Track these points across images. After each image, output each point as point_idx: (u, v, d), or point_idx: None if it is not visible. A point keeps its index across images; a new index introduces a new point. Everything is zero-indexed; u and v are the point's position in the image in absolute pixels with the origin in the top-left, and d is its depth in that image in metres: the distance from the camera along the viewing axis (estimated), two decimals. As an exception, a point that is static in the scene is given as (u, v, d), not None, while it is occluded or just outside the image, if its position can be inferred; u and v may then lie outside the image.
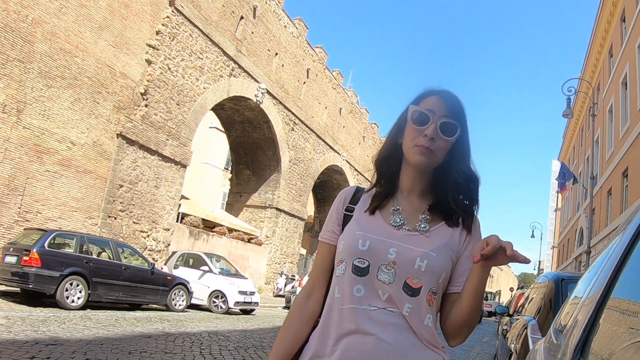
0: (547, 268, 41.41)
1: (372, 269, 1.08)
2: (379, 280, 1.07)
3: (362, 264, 1.09)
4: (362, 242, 1.10)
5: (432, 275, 1.07)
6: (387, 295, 1.06)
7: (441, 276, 1.08)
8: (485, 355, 10.07)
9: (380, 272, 1.08)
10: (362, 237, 1.11)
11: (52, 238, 8.40)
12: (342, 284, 1.11)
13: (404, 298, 1.06)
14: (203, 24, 15.06)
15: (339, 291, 1.11)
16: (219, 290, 11.80)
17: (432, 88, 1.17)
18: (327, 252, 1.22)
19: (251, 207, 21.01)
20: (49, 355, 4.61)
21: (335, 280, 1.13)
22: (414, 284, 1.07)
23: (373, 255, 1.09)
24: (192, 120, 15.23)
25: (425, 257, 1.07)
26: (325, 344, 1.09)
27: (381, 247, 1.09)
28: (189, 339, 6.85)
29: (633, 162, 13.45)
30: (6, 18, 9.79)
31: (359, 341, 1.05)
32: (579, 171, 24.30)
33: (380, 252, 1.09)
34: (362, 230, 1.13)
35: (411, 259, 1.07)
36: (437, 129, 1.10)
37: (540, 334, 3.35)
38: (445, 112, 1.11)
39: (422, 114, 1.12)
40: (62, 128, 11.13)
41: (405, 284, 1.06)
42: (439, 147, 1.11)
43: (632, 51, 14.23)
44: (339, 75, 25.62)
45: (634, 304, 0.95)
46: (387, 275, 1.07)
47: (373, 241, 1.10)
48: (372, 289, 1.08)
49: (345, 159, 26.58)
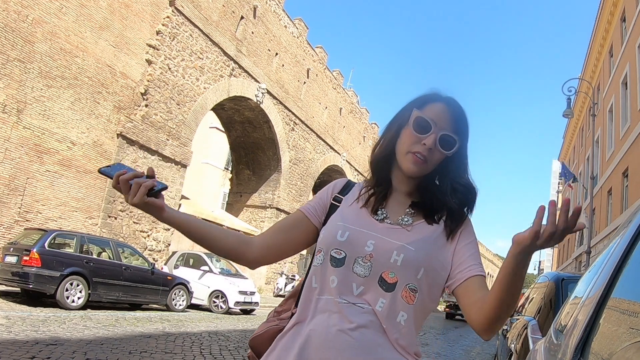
0: (547, 268, 41.39)
1: (349, 261, 1.05)
2: (354, 273, 1.04)
3: (338, 254, 1.06)
4: (342, 233, 1.08)
5: (408, 270, 1.03)
6: (360, 289, 1.03)
7: (419, 271, 1.03)
8: (486, 355, 10.07)
9: (356, 265, 1.05)
10: (343, 228, 1.09)
11: (52, 238, 8.40)
12: (319, 274, 1.08)
13: (378, 293, 1.03)
14: (203, 24, 15.06)
15: (316, 281, 1.09)
16: (219, 290, 11.80)
17: (439, 92, 1.13)
18: (295, 218, 1.20)
19: (251, 207, 21.01)
20: (49, 355, 4.61)
21: (313, 270, 1.11)
22: (390, 278, 1.03)
23: (350, 246, 1.06)
24: (192, 120, 15.23)
25: (402, 250, 1.03)
26: (300, 333, 1.06)
27: (360, 238, 1.06)
28: (189, 339, 6.85)
29: (633, 162, 13.45)
30: (6, 18, 9.79)
31: (323, 329, 1.02)
32: (579, 171, 24.29)
33: (358, 243, 1.06)
34: (344, 222, 1.10)
35: (387, 252, 1.04)
36: (437, 140, 1.07)
37: (541, 334, 3.35)
38: (449, 125, 1.09)
39: (425, 121, 1.08)
40: (62, 128, 11.13)
41: (380, 278, 1.03)
42: (434, 158, 1.09)
43: (632, 51, 14.23)
44: (339, 75, 25.62)
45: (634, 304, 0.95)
46: (363, 268, 1.04)
47: (352, 232, 1.08)
48: (345, 281, 1.04)
49: (346, 159, 26.58)
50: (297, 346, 1.04)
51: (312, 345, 1.02)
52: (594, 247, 15.62)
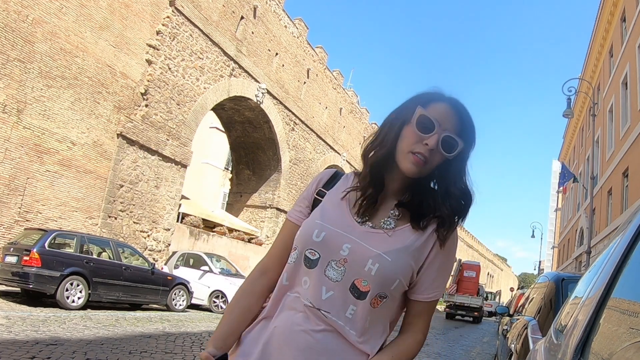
0: (547, 268, 41.40)
1: (322, 263, 1.02)
2: (325, 276, 1.02)
3: (312, 255, 1.04)
4: (318, 233, 1.04)
5: (381, 281, 1.00)
6: (330, 294, 1.01)
7: (394, 283, 1.01)
8: (486, 355, 10.07)
9: (329, 268, 1.02)
10: (319, 227, 1.05)
11: (52, 238, 8.40)
12: (291, 272, 1.07)
13: (348, 300, 1.00)
14: (203, 24, 15.07)
15: (287, 279, 1.07)
16: (220, 290, 11.81)
17: (443, 92, 1.09)
18: (290, 230, 1.15)
19: (251, 207, 21.01)
20: (49, 355, 4.61)
21: (287, 267, 1.09)
22: (362, 287, 1.00)
23: (325, 248, 1.03)
24: (192, 120, 15.23)
25: (377, 259, 1.00)
26: (266, 328, 1.06)
27: (336, 241, 1.03)
28: (190, 339, 6.85)
29: (633, 162, 13.45)
30: (6, 18, 9.80)
31: (287, 327, 1.02)
32: (579, 171, 24.29)
33: (334, 246, 1.03)
34: (322, 220, 1.07)
35: (363, 259, 1.00)
36: (439, 141, 1.03)
37: (541, 334, 3.35)
38: (452, 126, 1.04)
39: (429, 120, 1.04)
40: (62, 128, 11.13)
41: (353, 285, 1.00)
42: (434, 160, 1.05)
43: (632, 51, 14.23)
44: (339, 75, 25.61)
45: (634, 304, 0.95)
46: (336, 272, 1.01)
47: (329, 233, 1.04)
48: (316, 283, 1.02)
49: (346, 159, 26.58)
50: (261, 342, 1.04)
51: (275, 341, 1.02)
52: (594, 247, 15.62)
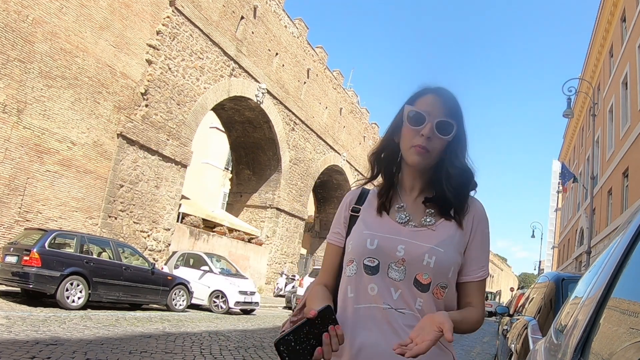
0: (547, 268, 41.40)
1: (383, 267, 1.10)
2: (390, 278, 1.09)
3: (372, 262, 1.11)
4: (370, 241, 1.12)
5: (440, 271, 1.08)
6: (399, 293, 1.08)
7: (450, 270, 1.10)
8: (486, 355, 10.07)
9: (391, 270, 1.10)
10: (370, 236, 1.13)
11: (52, 238, 8.40)
12: (355, 284, 1.12)
13: (415, 294, 1.09)
14: (203, 24, 15.06)
15: (352, 290, 1.13)
16: (220, 290, 11.80)
17: (428, 85, 1.17)
18: (333, 252, 1.24)
19: (251, 207, 21.00)
20: (49, 355, 4.61)
21: (347, 280, 1.15)
22: (424, 280, 1.08)
23: (382, 253, 1.10)
24: (192, 120, 15.23)
25: (432, 253, 1.08)
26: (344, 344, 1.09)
27: (389, 244, 1.11)
28: (190, 339, 6.85)
29: (633, 162, 13.45)
30: (7, 18, 9.80)
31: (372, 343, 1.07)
32: (579, 171, 24.29)
33: (389, 249, 1.10)
34: (369, 230, 1.14)
35: (419, 255, 1.09)
36: (434, 128, 1.11)
37: (541, 334, 3.35)
38: (442, 111, 1.12)
39: (418, 114, 1.12)
40: (62, 128, 11.13)
41: (415, 280, 1.08)
42: (435, 146, 1.12)
43: (632, 51, 14.22)
44: (339, 75, 25.61)
45: (635, 304, 0.95)
46: (397, 272, 1.09)
47: (381, 239, 1.12)
48: (384, 286, 1.09)
49: (346, 159, 26.58)
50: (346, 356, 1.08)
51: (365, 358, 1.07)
52: (594, 247, 15.61)
